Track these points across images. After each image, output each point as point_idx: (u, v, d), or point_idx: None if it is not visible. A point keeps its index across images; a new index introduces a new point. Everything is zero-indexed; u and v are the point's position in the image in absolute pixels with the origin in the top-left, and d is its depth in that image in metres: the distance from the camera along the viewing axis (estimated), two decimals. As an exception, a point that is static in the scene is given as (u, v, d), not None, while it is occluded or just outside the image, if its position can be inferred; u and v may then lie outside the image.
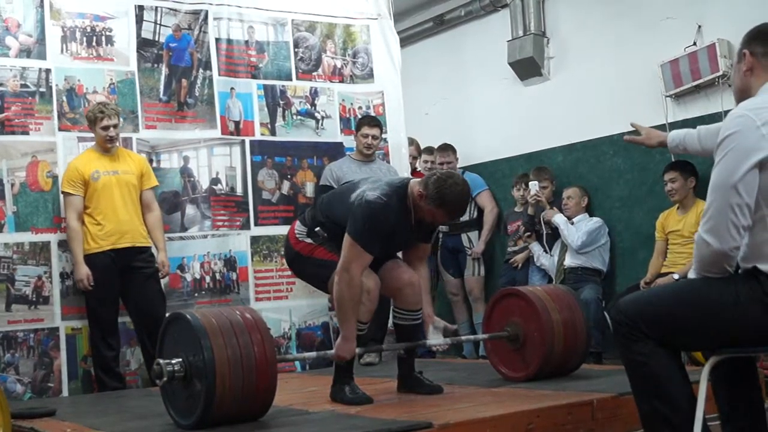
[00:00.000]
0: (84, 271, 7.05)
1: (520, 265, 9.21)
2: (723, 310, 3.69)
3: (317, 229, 5.60)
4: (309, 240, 5.65)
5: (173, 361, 4.81)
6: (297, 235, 5.73)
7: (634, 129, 4.94)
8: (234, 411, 4.75)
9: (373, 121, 8.27)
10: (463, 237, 9.64)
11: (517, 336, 6.00)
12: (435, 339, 5.77)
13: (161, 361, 4.84)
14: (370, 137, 8.03)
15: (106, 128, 7.14)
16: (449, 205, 5.28)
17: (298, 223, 5.83)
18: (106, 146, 7.22)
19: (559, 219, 8.70)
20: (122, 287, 7.22)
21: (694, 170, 7.76)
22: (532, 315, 5.93)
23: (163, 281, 7.45)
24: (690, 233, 7.64)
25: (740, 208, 3.59)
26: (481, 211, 9.68)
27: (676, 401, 3.78)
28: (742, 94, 3.90)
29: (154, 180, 7.51)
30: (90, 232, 7.12)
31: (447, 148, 9.72)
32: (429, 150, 9.75)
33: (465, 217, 9.55)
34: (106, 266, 7.10)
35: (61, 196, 7.26)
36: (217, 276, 7.92)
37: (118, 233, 7.15)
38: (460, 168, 9.81)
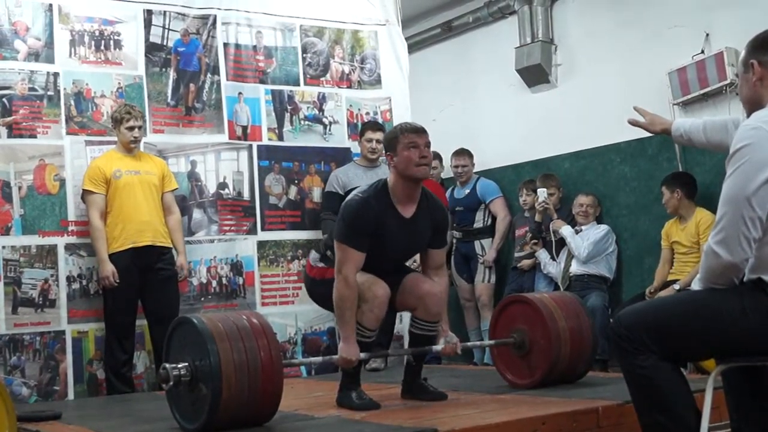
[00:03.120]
0: (109, 269, 7.07)
1: (527, 268, 9.22)
2: (728, 321, 3.67)
3: (328, 252, 5.63)
4: (321, 264, 5.72)
5: (179, 366, 4.81)
6: (311, 263, 5.84)
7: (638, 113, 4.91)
8: (240, 416, 4.75)
9: (376, 125, 8.28)
10: (476, 244, 9.66)
11: (523, 342, 5.99)
12: (440, 345, 5.76)
13: (167, 365, 4.84)
14: (374, 141, 8.02)
15: (131, 129, 7.19)
16: (404, 128, 5.43)
17: (312, 251, 5.93)
18: (129, 147, 7.27)
19: (565, 231, 8.70)
20: (141, 287, 7.25)
21: (686, 182, 7.83)
22: (539, 322, 5.92)
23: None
24: (691, 243, 7.69)
25: (752, 221, 3.57)
26: (494, 219, 9.69)
27: (679, 414, 3.76)
28: (753, 105, 3.86)
29: (174, 183, 7.54)
30: (111, 232, 7.15)
31: (463, 152, 9.81)
32: (435, 156, 9.74)
33: (479, 224, 9.65)
34: (126, 266, 7.12)
35: (73, 197, 7.32)
36: (224, 280, 7.93)
37: (138, 232, 7.17)
38: (475, 173, 9.83)
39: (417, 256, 6.04)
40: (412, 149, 5.31)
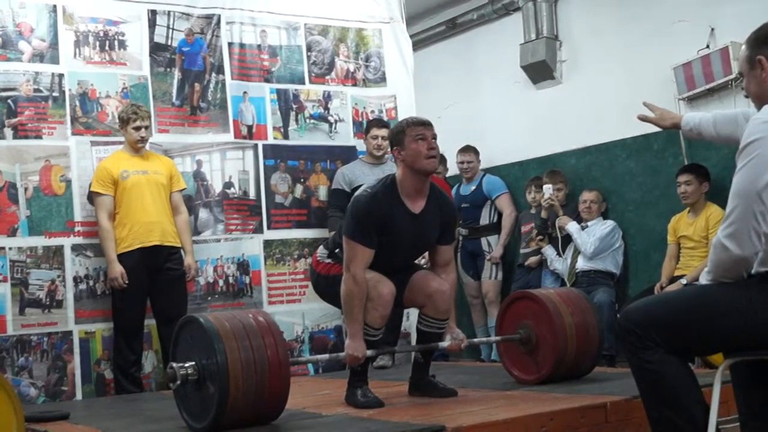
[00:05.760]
0: (118, 269, 7.08)
1: (534, 266, 9.21)
2: (736, 315, 3.67)
3: (337, 251, 5.62)
4: (329, 260, 5.71)
5: (186, 365, 4.82)
6: (318, 258, 5.82)
7: (647, 108, 4.92)
8: (247, 414, 4.76)
9: (381, 122, 8.30)
10: (483, 241, 9.65)
11: (529, 338, 5.99)
12: (446, 341, 5.74)
13: (174, 364, 4.85)
14: (379, 138, 8.03)
15: (138, 129, 7.20)
16: (411, 121, 5.45)
17: (321, 247, 5.90)
18: (137, 147, 7.28)
19: (572, 227, 8.69)
20: (150, 287, 7.27)
21: (708, 174, 7.74)
22: (545, 318, 5.92)
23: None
24: (700, 237, 7.65)
25: (763, 215, 3.57)
26: (500, 215, 9.68)
27: (687, 409, 3.77)
28: (763, 100, 3.85)
29: (182, 183, 7.55)
30: (119, 233, 7.17)
31: (468, 149, 9.82)
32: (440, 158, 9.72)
33: (485, 221, 9.63)
34: (134, 266, 7.14)
35: (79, 197, 7.35)
36: (230, 280, 7.93)
37: (146, 232, 7.19)
38: (481, 170, 9.84)
39: (426, 255, 6.06)
40: (420, 141, 5.31)
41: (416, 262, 5.99)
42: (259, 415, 4.85)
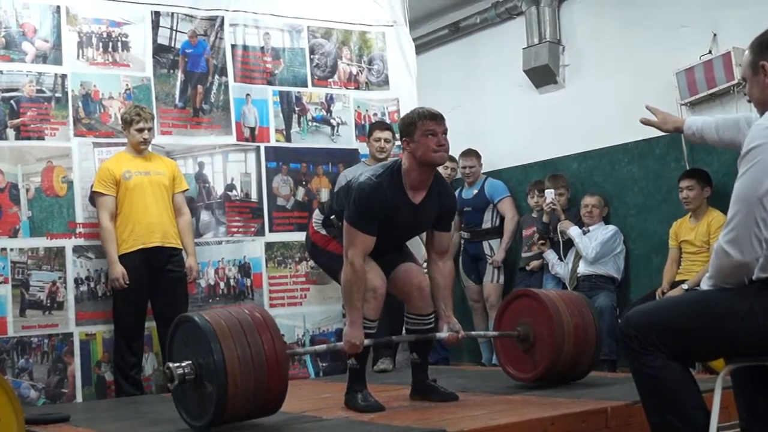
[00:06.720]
0: (119, 270, 7.08)
1: (536, 269, 9.21)
2: (736, 321, 3.67)
3: (332, 217, 5.67)
4: (324, 231, 5.75)
5: (183, 364, 4.83)
6: (314, 225, 5.86)
7: (650, 112, 4.92)
8: (246, 410, 4.79)
9: (384, 125, 8.29)
10: (485, 244, 9.63)
11: (527, 336, 5.98)
12: (444, 333, 5.74)
13: (171, 364, 4.86)
14: (382, 140, 8.03)
15: (140, 130, 7.21)
16: (423, 114, 5.37)
17: (317, 210, 5.97)
18: (139, 148, 7.28)
19: (573, 232, 8.68)
20: (151, 288, 7.26)
21: (709, 179, 7.73)
22: (544, 316, 5.91)
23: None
24: (702, 242, 7.64)
25: (764, 221, 3.57)
26: (502, 219, 9.67)
27: (689, 414, 3.77)
28: (765, 105, 3.85)
29: (185, 184, 7.55)
30: (120, 233, 7.17)
31: (470, 153, 9.79)
32: (449, 158, 9.70)
33: (487, 225, 9.63)
34: (135, 267, 7.13)
35: (81, 199, 7.35)
36: (232, 282, 7.93)
37: (147, 233, 7.19)
38: (483, 174, 9.83)
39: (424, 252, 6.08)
40: (429, 137, 5.30)
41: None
42: (258, 411, 4.88)
